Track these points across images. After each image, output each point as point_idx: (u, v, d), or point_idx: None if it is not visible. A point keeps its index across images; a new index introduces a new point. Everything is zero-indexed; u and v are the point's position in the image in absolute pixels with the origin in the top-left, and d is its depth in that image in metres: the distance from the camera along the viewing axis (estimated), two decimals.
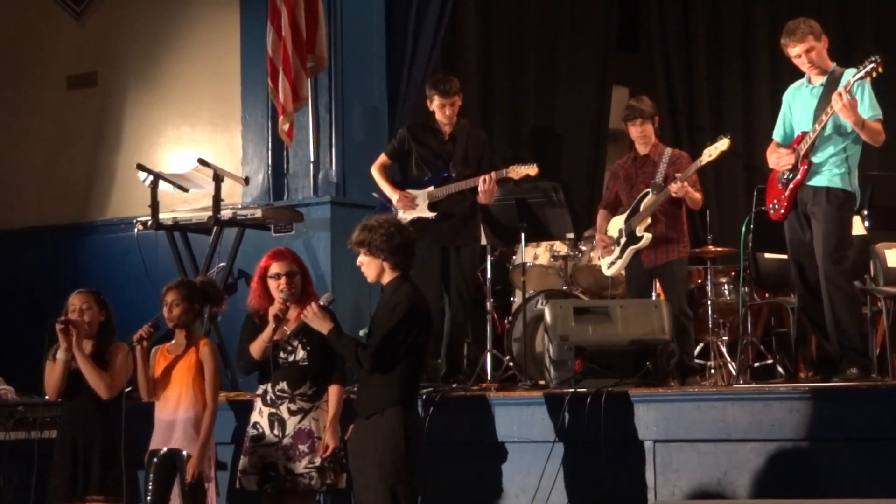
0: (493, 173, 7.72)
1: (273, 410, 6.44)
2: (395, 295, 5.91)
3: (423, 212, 7.82)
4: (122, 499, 6.51)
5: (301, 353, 6.44)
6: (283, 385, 6.44)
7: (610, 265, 8.05)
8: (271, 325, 6.34)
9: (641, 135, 7.96)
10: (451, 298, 7.82)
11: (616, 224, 8.00)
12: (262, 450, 6.43)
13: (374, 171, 8.05)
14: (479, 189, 7.72)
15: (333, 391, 6.44)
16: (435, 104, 7.87)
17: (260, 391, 6.53)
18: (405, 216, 7.73)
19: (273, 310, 6.38)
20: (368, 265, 5.96)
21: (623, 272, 8.09)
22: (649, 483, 6.53)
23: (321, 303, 6.09)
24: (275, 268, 6.47)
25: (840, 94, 6.61)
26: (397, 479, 5.75)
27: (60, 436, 6.76)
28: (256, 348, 6.42)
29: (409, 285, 5.97)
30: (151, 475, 6.50)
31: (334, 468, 6.40)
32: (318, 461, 6.37)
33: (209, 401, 6.51)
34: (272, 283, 6.46)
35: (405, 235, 5.98)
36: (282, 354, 6.45)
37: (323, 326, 5.94)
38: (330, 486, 6.46)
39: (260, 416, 6.49)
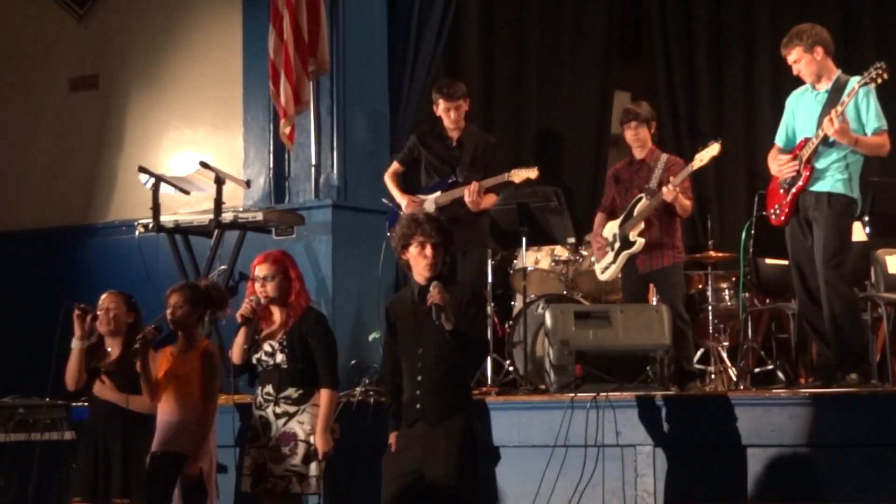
0: (474, 184, 7.74)
1: (262, 413, 6.43)
2: (463, 290, 5.80)
3: None
4: None
5: (280, 357, 6.41)
6: (269, 388, 6.41)
7: (604, 270, 8.04)
8: (242, 328, 6.36)
9: (636, 137, 7.93)
10: None
11: (611, 228, 7.98)
12: (255, 451, 6.43)
13: (387, 178, 8.17)
14: (465, 200, 7.74)
15: (325, 395, 6.33)
16: (440, 108, 7.91)
17: (255, 394, 6.55)
18: None
19: (241, 311, 6.39)
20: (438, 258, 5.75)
21: (620, 276, 8.09)
22: (649, 488, 6.53)
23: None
24: (256, 271, 6.47)
25: (832, 120, 6.61)
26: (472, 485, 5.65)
27: (84, 433, 6.78)
28: (234, 352, 6.44)
29: None
30: (153, 476, 6.50)
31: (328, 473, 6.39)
32: (298, 465, 6.32)
33: (207, 402, 6.50)
34: (256, 287, 6.48)
35: None
36: (263, 357, 6.43)
37: (448, 322, 5.60)
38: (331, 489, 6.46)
39: (255, 418, 6.50)
